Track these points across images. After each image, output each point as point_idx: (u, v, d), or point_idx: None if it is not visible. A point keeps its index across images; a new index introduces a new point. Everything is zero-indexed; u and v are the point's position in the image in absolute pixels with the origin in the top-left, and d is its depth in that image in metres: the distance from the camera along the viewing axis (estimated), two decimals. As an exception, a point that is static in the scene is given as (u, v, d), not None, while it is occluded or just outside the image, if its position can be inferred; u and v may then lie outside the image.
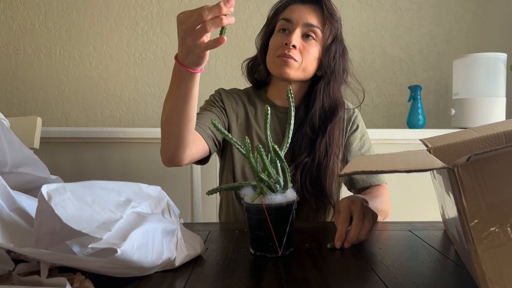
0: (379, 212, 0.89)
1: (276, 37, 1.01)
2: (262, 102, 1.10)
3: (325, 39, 1.00)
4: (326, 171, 0.99)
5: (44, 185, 0.46)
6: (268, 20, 1.07)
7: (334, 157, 1.00)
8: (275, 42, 1.01)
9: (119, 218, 0.50)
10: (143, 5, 1.91)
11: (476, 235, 0.45)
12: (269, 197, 0.64)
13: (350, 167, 0.59)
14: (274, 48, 1.01)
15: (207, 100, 1.11)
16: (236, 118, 1.07)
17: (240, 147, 0.69)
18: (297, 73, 1.00)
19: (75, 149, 1.68)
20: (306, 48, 0.99)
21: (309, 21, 0.98)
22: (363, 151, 1.09)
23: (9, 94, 1.94)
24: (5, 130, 0.67)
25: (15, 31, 1.92)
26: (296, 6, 1.01)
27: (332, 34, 1.01)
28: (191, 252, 0.64)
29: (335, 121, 1.02)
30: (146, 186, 0.64)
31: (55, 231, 0.48)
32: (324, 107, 1.02)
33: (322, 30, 0.99)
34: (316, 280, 0.56)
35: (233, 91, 1.13)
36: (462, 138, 0.70)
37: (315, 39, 1.00)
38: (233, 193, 1.07)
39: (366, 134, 1.12)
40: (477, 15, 1.91)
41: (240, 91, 1.15)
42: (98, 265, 0.49)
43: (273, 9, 1.06)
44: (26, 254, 0.46)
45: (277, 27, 1.02)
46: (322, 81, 1.03)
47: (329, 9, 0.99)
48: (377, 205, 0.93)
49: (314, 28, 0.99)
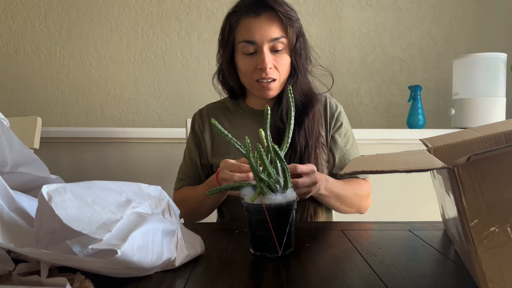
0: (339, 197, 0.97)
1: (244, 61, 0.98)
2: (242, 110, 1.11)
3: (290, 42, 0.97)
4: (310, 161, 0.99)
5: (45, 185, 0.46)
6: (225, 37, 1.01)
7: (317, 148, 1.01)
8: (246, 66, 0.98)
9: (120, 218, 0.50)
10: (143, 5, 1.91)
11: (476, 235, 0.45)
12: (269, 197, 0.65)
13: (350, 167, 0.59)
14: (247, 72, 0.99)
15: (188, 138, 1.15)
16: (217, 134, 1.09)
17: (240, 147, 0.69)
18: (278, 89, 1.01)
19: (75, 149, 1.68)
20: (280, 62, 0.97)
21: (272, 36, 0.94)
22: (347, 147, 1.09)
23: (9, 94, 1.94)
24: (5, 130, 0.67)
25: (15, 31, 1.92)
26: (250, 21, 0.95)
27: (295, 34, 0.98)
28: (191, 252, 0.64)
29: (311, 113, 1.01)
30: (147, 186, 0.64)
31: (55, 231, 0.48)
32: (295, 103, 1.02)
33: (286, 37, 0.96)
34: (316, 280, 0.56)
35: (209, 111, 1.14)
36: (462, 138, 0.70)
37: (283, 48, 0.97)
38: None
39: (350, 130, 1.13)
40: (477, 15, 1.91)
41: (215, 107, 1.15)
42: (98, 265, 0.49)
43: (225, 26, 1.00)
44: (26, 254, 0.46)
45: (240, 48, 0.98)
46: (290, 79, 1.01)
47: (285, 15, 0.94)
48: (338, 189, 0.97)
49: (280, 39, 0.95)
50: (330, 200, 0.96)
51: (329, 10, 1.88)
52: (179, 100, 1.93)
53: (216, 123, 0.67)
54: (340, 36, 1.91)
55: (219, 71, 1.10)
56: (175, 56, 1.92)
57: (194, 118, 1.15)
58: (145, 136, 1.67)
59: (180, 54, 1.92)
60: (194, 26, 1.91)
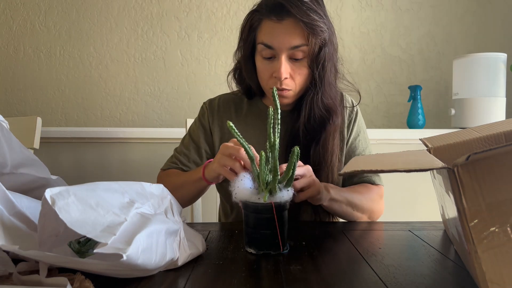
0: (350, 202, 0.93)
1: (262, 64, 0.93)
2: (258, 109, 1.06)
3: (312, 51, 0.89)
4: (321, 180, 0.93)
5: (48, 189, 0.46)
6: (244, 36, 0.96)
7: (330, 167, 0.96)
8: (263, 71, 0.94)
9: (123, 221, 0.50)
10: (143, 5, 1.91)
11: (476, 235, 0.45)
12: (278, 196, 0.67)
13: (350, 166, 0.59)
14: (264, 77, 0.95)
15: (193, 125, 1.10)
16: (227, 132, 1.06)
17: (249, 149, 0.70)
18: (293, 98, 0.96)
19: (75, 149, 1.68)
20: (297, 72, 0.91)
21: (292, 44, 0.88)
22: (366, 152, 1.07)
23: (9, 94, 1.94)
24: (4, 132, 0.67)
25: (15, 31, 1.92)
26: (271, 25, 0.89)
27: (318, 45, 0.90)
28: (193, 251, 0.64)
29: (329, 130, 0.96)
30: (149, 185, 0.65)
31: (59, 233, 0.48)
32: (313, 117, 0.96)
33: (307, 44, 0.88)
34: (316, 280, 0.56)
35: (220, 104, 1.09)
36: (462, 138, 0.70)
37: (303, 57, 0.90)
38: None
39: (367, 138, 1.10)
40: (477, 15, 1.91)
41: (227, 99, 1.10)
42: (103, 267, 0.49)
43: (245, 24, 0.95)
44: (31, 256, 0.46)
45: (259, 49, 0.93)
46: (310, 92, 0.95)
47: (307, 24, 0.86)
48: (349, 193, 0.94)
49: (300, 47, 0.88)
50: (342, 206, 0.92)
51: (329, 10, 1.86)
52: (179, 100, 1.93)
53: (232, 126, 0.66)
54: (340, 36, 1.89)
55: (236, 69, 1.05)
56: (175, 56, 1.92)
57: (203, 107, 1.10)
58: (145, 136, 1.67)
59: (180, 54, 1.92)
60: (194, 26, 1.91)
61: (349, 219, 0.98)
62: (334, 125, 0.97)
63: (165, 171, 1.06)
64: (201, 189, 0.95)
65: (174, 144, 1.70)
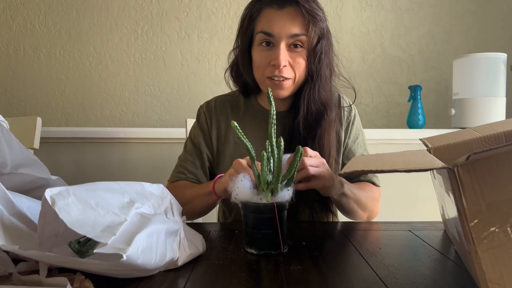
0: (356, 200, 0.93)
1: (260, 53, 0.93)
2: (253, 109, 1.06)
3: (310, 42, 0.91)
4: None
5: (48, 189, 0.46)
6: (243, 27, 0.96)
7: (330, 165, 0.95)
8: (260, 59, 0.93)
9: (123, 221, 0.50)
10: (143, 5, 1.91)
11: (476, 235, 0.45)
12: (279, 196, 0.68)
13: (350, 166, 0.59)
14: (260, 66, 0.94)
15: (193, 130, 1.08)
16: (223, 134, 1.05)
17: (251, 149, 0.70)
18: (291, 89, 0.95)
19: (75, 149, 1.68)
20: (296, 60, 0.91)
21: (292, 32, 0.89)
22: (365, 153, 1.08)
23: (9, 94, 1.94)
24: (4, 132, 0.67)
25: (15, 31, 1.92)
26: (272, 12, 0.90)
27: (316, 35, 0.91)
28: (193, 251, 0.64)
29: (325, 125, 0.96)
30: (149, 185, 0.65)
31: (59, 233, 0.48)
32: (310, 112, 0.96)
33: (307, 35, 0.90)
34: (316, 280, 0.56)
35: (217, 106, 1.08)
36: (462, 138, 0.70)
37: (302, 46, 0.91)
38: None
39: (365, 140, 1.10)
40: (477, 15, 1.91)
41: (223, 101, 1.09)
42: (103, 267, 0.49)
43: (245, 14, 0.95)
44: (31, 256, 0.46)
45: (257, 39, 0.93)
46: (307, 86, 0.95)
47: (309, 11, 0.88)
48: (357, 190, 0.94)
49: (299, 36, 0.90)
50: (350, 202, 0.92)
51: (329, 10, 1.88)
52: (179, 100, 1.93)
53: (237, 126, 0.67)
54: (340, 36, 1.91)
55: (233, 64, 1.04)
56: (175, 56, 1.92)
57: (200, 110, 1.09)
58: (145, 136, 1.67)
59: (180, 54, 1.92)
60: (194, 26, 1.91)
61: (350, 216, 0.99)
62: (329, 120, 0.97)
63: (174, 183, 1.04)
64: (211, 203, 0.94)
65: (174, 144, 1.71)
